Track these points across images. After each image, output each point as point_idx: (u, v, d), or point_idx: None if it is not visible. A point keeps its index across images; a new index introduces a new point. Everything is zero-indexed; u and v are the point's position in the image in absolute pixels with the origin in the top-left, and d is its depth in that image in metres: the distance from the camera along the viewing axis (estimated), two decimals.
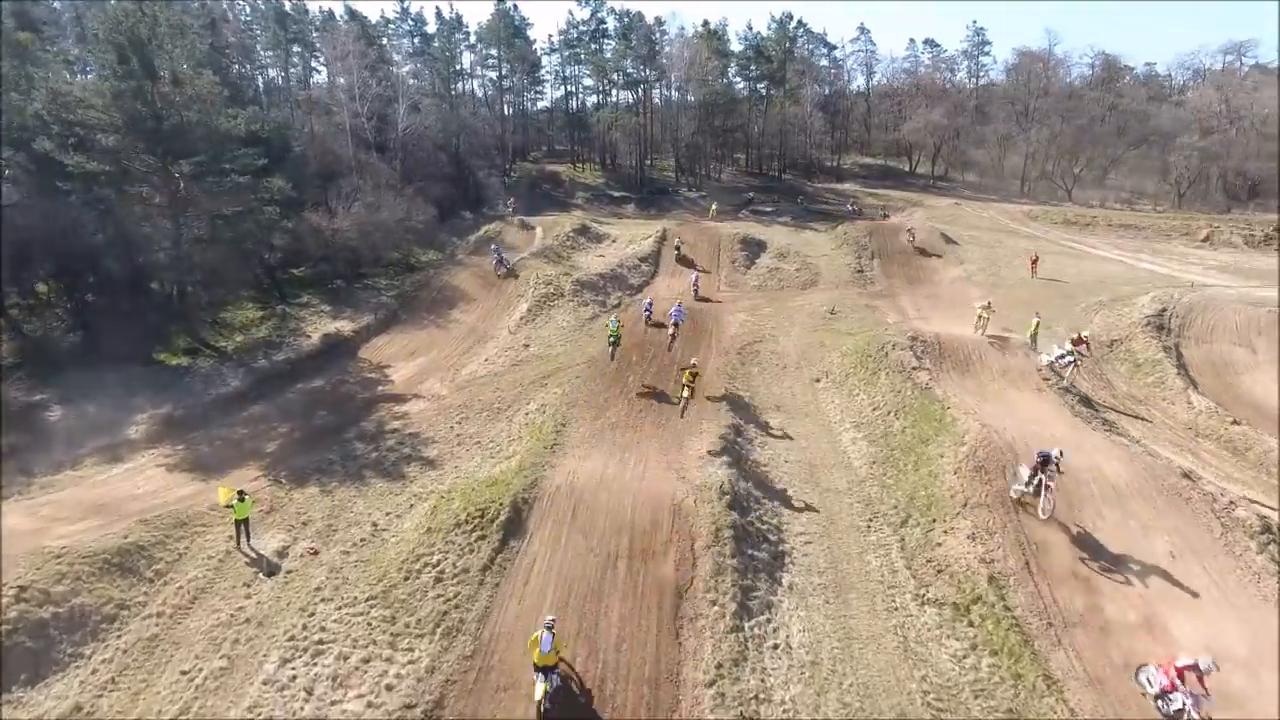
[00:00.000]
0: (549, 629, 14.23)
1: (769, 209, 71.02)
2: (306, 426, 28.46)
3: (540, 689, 13.91)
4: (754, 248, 55.18)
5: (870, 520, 20.46)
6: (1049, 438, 21.79)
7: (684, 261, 51.28)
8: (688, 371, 27.10)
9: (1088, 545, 18.11)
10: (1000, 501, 19.14)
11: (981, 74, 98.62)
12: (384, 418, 29.05)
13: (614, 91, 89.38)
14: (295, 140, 52.53)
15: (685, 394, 26.56)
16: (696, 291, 45.08)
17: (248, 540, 19.80)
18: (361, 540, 19.99)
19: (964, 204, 73.42)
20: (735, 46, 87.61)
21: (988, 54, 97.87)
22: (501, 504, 19.26)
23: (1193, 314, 36.14)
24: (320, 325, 39.37)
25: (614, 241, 57.44)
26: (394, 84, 65.05)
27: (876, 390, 28.18)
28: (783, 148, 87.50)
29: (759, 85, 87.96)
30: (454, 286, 45.78)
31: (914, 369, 28.34)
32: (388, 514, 21.51)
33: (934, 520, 19.35)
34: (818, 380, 31.09)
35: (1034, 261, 46.84)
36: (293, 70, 78.94)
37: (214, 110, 37.04)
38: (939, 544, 18.46)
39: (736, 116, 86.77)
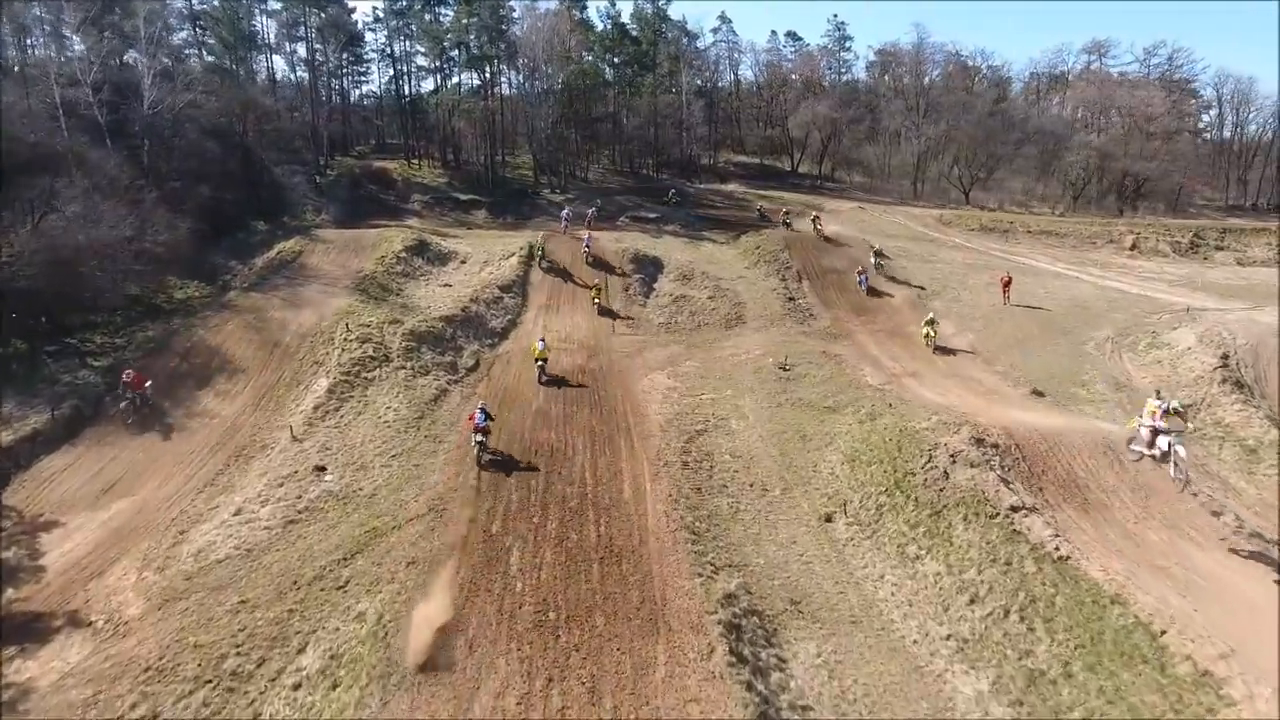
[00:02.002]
0: None
1: (653, 215, 58.59)
2: None
3: None
4: (648, 268, 42.47)
5: None
6: None
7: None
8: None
9: None
10: None
11: (844, 70, 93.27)
12: None
13: (455, 72, 73.53)
14: None
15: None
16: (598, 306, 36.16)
17: None
18: None
19: (867, 207, 64.73)
20: (597, 24, 74.96)
21: (849, 49, 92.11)
22: None
23: (1260, 362, 27.30)
24: None
25: (463, 262, 42.38)
26: (137, 42, 45.92)
27: (953, 552, 16.01)
28: (658, 143, 75.63)
29: (627, 70, 75.39)
30: (212, 347, 29.01)
31: (1012, 509, 16.43)
32: None
33: None
34: (828, 519, 18.47)
35: (1006, 284, 37.25)
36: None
37: None
38: None
39: (604, 105, 73.87)
